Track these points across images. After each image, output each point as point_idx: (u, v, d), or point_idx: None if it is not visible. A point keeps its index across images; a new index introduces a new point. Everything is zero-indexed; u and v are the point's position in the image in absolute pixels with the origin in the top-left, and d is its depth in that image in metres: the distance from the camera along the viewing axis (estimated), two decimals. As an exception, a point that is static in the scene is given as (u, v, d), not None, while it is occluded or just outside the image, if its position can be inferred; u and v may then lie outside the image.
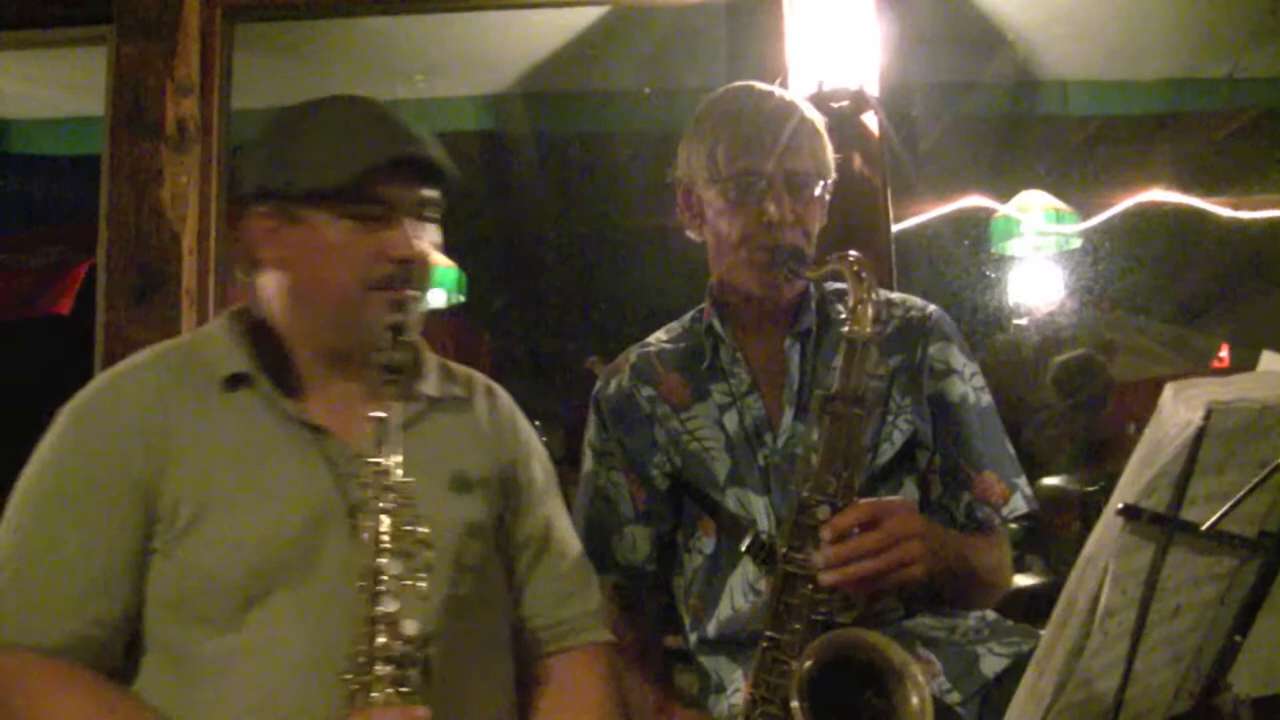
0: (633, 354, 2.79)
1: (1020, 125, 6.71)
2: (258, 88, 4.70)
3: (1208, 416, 1.49)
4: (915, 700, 2.09)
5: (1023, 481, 2.60)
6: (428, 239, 2.26)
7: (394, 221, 2.19)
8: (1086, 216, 7.33)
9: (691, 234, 2.70)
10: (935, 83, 5.50)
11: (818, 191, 2.56)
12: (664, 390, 2.68)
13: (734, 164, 2.52)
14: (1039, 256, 7.89)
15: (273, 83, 4.91)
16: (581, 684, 2.37)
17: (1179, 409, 1.52)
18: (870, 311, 2.27)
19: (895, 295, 2.72)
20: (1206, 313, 9.59)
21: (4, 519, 2.15)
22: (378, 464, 2.02)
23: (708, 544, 2.60)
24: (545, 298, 9.23)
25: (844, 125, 3.88)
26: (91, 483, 2.12)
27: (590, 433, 2.78)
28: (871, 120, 3.97)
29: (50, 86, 5.26)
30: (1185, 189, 6.99)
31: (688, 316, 2.82)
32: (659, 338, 2.80)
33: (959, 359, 2.63)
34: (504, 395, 2.53)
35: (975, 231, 7.55)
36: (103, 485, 2.12)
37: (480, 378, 2.53)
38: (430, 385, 2.35)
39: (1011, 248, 7.57)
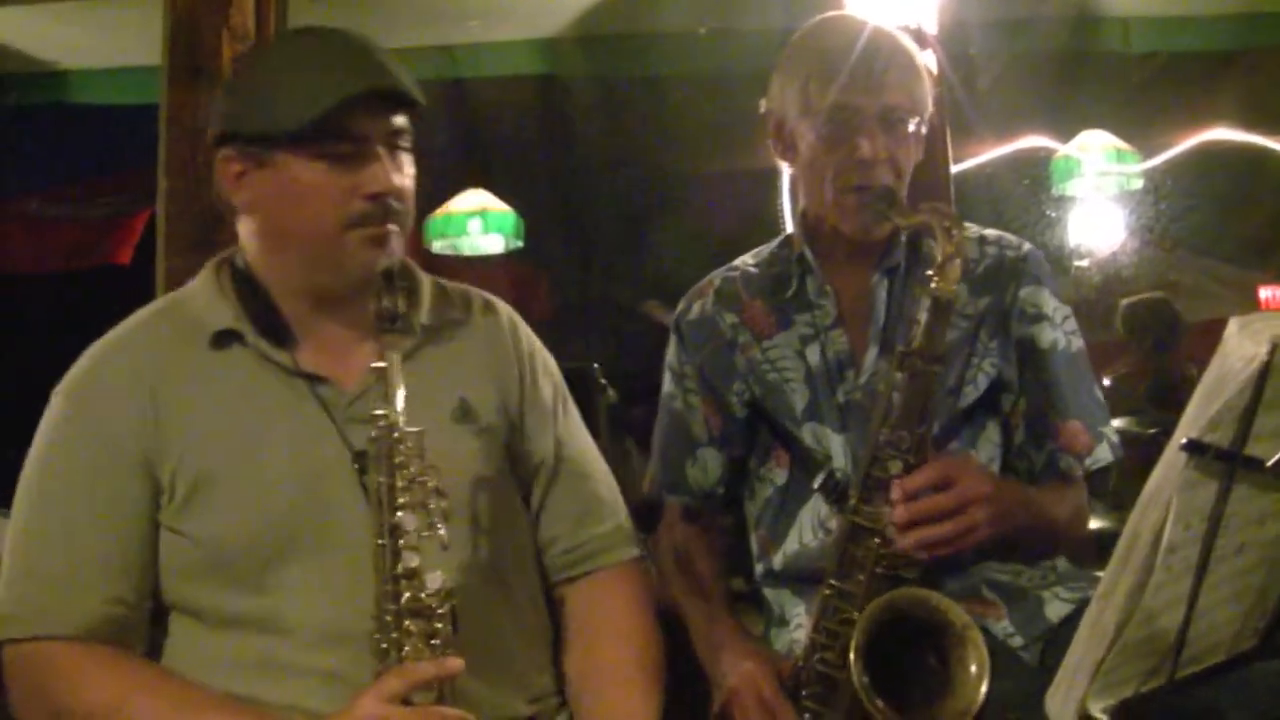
0: (717, 278, 2.73)
1: (1081, 63, 6.62)
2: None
3: (1273, 351, 1.47)
4: (974, 667, 2.08)
5: (1110, 430, 2.54)
6: (405, 170, 2.17)
7: (366, 156, 2.10)
8: (1149, 156, 7.27)
9: (782, 164, 2.66)
10: (994, 20, 5.43)
11: (913, 128, 2.49)
12: (747, 317, 2.64)
13: (828, 99, 2.45)
14: (1100, 197, 7.84)
15: (328, 29, 4.92)
16: (611, 609, 2.34)
17: (1244, 343, 1.50)
18: (958, 268, 2.23)
19: (990, 232, 2.64)
20: (1272, 252, 9.48)
21: (14, 508, 2.15)
22: (383, 416, 1.98)
23: (780, 475, 2.58)
24: (603, 241, 9.22)
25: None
26: (91, 465, 2.11)
27: (670, 355, 2.74)
28: (930, 59, 3.92)
29: (108, 36, 5.29)
30: (1250, 127, 6.91)
31: (776, 242, 2.76)
32: (745, 261, 2.75)
33: (1051, 302, 2.55)
34: (504, 310, 2.45)
35: (1035, 172, 7.50)
36: (102, 466, 2.10)
37: (478, 294, 2.44)
38: (425, 313, 2.27)
39: (1072, 188, 7.52)
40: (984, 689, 2.06)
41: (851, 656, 2.09)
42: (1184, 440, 1.49)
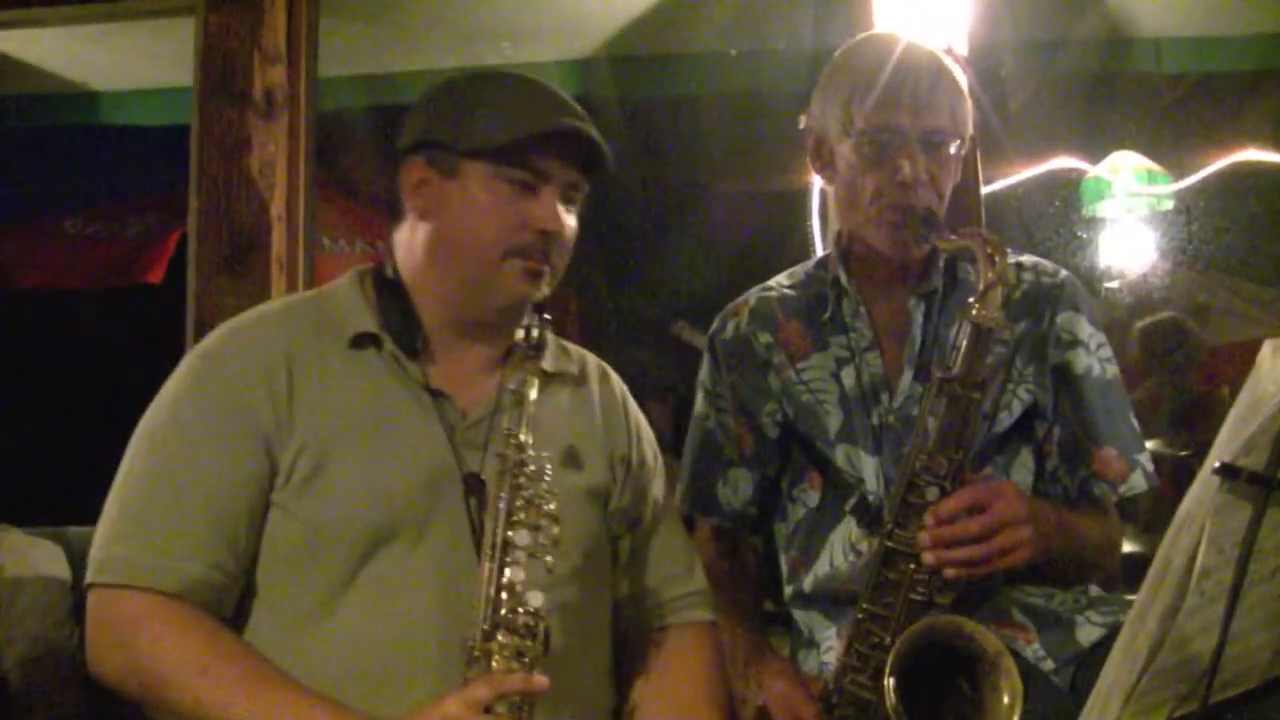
0: (752, 297, 2.74)
1: (1112, 84, 6.60)
2: (344, 56, 4.72)
3: (1308, 373, 1.46)
4: (1007, 696, 2.07)
5: (1145, 458, 2.53)
6: (572, 222, 2.28)
7: (544, 193, 2.22)
8: (1180, 177, 7.22)
9: (817, 183, 2.66)
10: (1025, 41, 5.41)
11: (953, 150, 2.50)
12: (781, 338, 2.64)
13: (869, 119, 2.45)
14: (1131, 218, 7.78)
15: (359, 50, 4.94)
16: (688, 655, 2.41)
17: (1278, 366, 1.49)
18: (1000, 296, 2.23)
19: (1026, 259, 2.64)
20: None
21: (126, 459, 2.19)
22: (513, 436, 2.07)
23: (813, 497, 2.58)
24: (632, 262, 9.22)
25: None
26: (216, 429, 2.16)
27: (703, 374, 2.75)
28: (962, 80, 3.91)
29: (140, 57, 5.31)
30: (1282, 148, 6.86)
31: (812, 262, 2.77)
32: (780, 282, 2.76)
33: (1086, 329, 2.55)
34: (615, 377, 2.56)
35: (1066, 193, 7.46)
36: (227, 433, 2.16)
37: (594, 359, 2.55)
38: (547, 361, 2.33)
39: (1103, 209, 7.48)
40: (1016, 718, 2.05)
41: (885, 681, 2.08)
42: (1217, 464, 1.48)
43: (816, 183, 3.89)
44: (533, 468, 2.05)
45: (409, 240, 2.32)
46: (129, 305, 7.15)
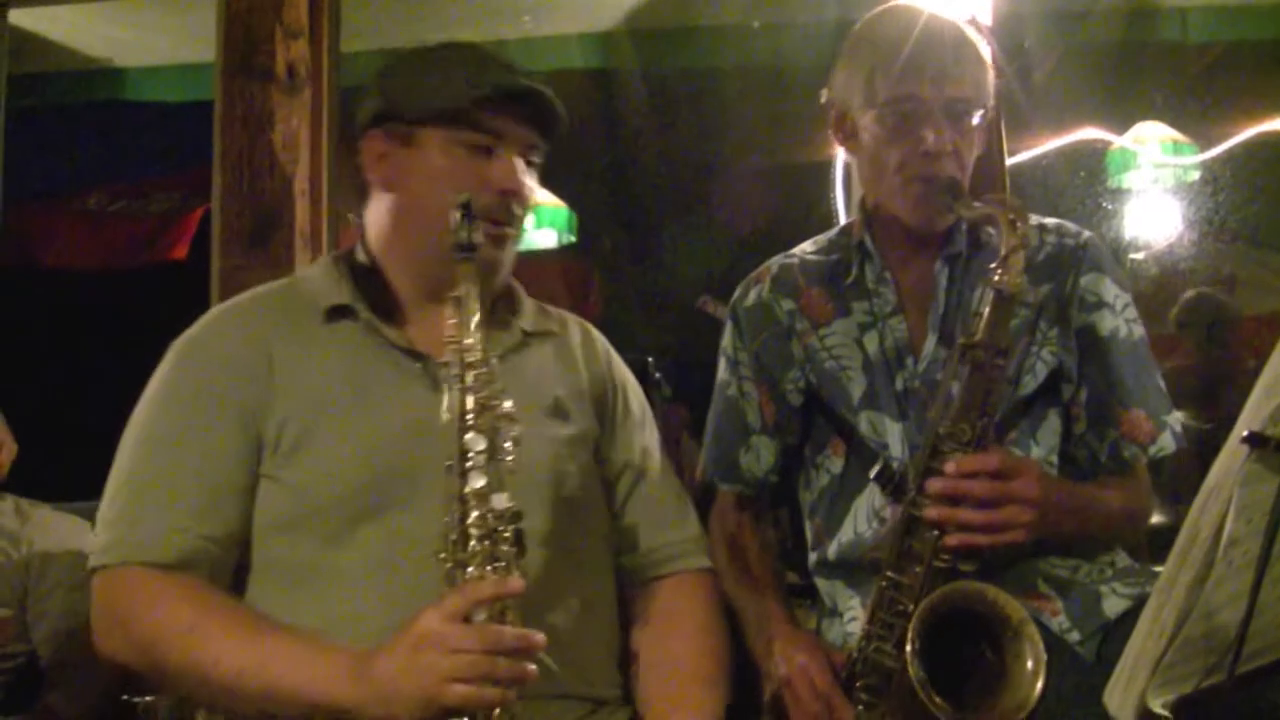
0: (775, 265, 2.74)
1: (1137, 54, 6.55)
2: (366, 30, 4.72)
3: (1336, 342, 1.45)
4: (1030, 662, 2.07)
5: (1173, 419, 2.52)
6: (530, 182, 2.33)
7: (501, 154, 2.28)
8: (1206, 148, 7.19)
9: (839, 153, 2.66)
10: (1049, 11, 5.39)
11: (976, 120, 2.49)
12: (804, 304, 2.64)
13: (892, 90, 2.45)
14: (1157, 189, 7.75)
15: (381, 25, 4.93)
16: (683, 609, 2.43)
17: (1306, 335, 1.48)
18: (1021, 261, 2.22)
19: (1050, 221, 2.63)
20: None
21: (120, 449, 2.26)
22: (458, 342, 2.08)
23: (836, 464, 2.58)
24: (655, 236, 9.21)
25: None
26: (201, 410, 2.22)
27: (725, 341, 2.75)
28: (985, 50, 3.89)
29: (162, 33, 5.33)
30: (1311, 119, 6.83)
31: (835, 230, 2.77)
32: (804, 248, 2.76)
33: (1111, 290, 2.54)
34: (597, 333, 2.61)
35: (1091, 164, 7.42)
36: (211, 412, 2.22)
37: (574, 318, 2.60)
38: (526, 320, 2.43)
39: (1128, 180, 7.44)
40: (1040, 684, 2.05)
41: (908, 649, 2.08)
42: (1245, 433, 1.48)
43: (840, 156, 3.88)
44: (485, 370, 2.06)
45: (377, 215, 2.39)
46: (154, 282, 7.16)
